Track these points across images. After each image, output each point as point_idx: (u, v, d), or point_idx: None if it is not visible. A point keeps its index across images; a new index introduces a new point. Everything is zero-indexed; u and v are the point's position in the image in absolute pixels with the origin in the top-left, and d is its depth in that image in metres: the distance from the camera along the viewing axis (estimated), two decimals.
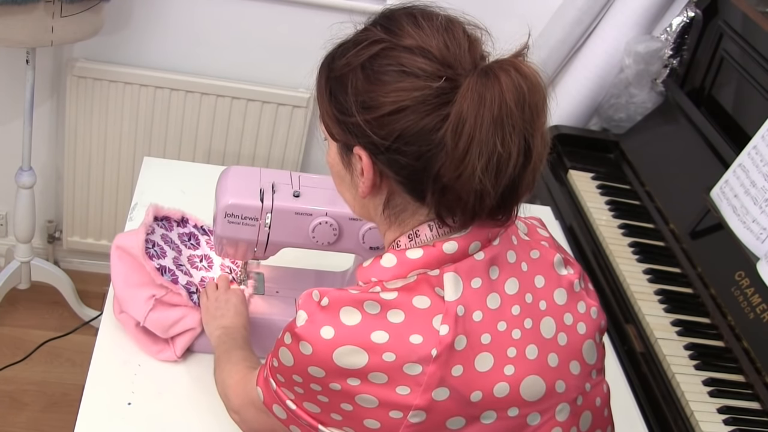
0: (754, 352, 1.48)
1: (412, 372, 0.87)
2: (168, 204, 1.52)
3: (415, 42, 0.88)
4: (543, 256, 1.00)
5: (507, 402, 0.92)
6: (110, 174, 2.42)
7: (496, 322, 0.92)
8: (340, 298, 0.90)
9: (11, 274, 2.37)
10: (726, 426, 1.41)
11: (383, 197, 0.95)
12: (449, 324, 0.88)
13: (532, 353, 0.94)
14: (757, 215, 1.55)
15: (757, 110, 1.74)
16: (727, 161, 1.72)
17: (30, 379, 2.31)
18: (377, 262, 0.95)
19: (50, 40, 1.95)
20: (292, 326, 0.93)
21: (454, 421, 0.90)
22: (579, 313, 0.99)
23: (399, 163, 0.89)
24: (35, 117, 2.25)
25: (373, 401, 0.89)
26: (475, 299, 0.91)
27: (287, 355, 0.93)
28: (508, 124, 0.85)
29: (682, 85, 2.04)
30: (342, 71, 0.92)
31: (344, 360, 0.88)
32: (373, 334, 0.88)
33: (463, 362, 0.89)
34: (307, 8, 2.27)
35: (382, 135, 0.88)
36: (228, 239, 1.31)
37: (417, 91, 0.86)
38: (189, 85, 2.30)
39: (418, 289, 0.91)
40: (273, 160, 2.46)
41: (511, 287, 0.95)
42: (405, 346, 0.88)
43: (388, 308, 0.89)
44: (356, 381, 0.89)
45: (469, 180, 0.85)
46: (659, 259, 1.76)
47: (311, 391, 0.92)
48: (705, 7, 1.98)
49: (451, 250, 0.91)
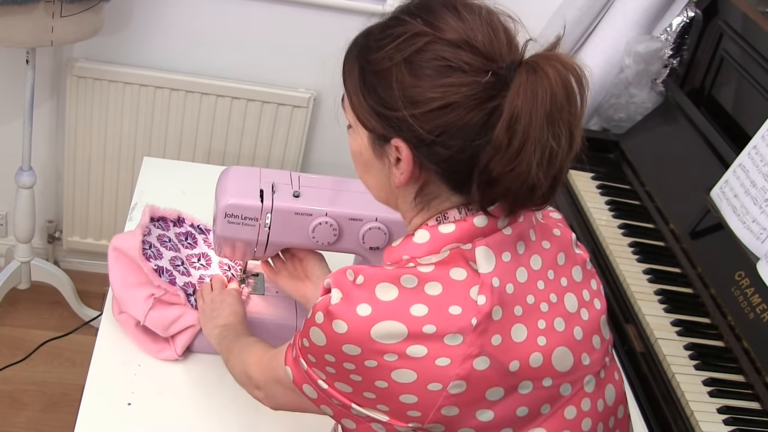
0: (754, 352, 1.48)
1: (452, 342, 0.88)
2: (168, 204, 1.52)
3: (458, 36, 0.88)
4: (563, 235, 1.02)
5: (542, 372, 0.93)
6: (110, 174, 2.42)
7: (525, 295, 0.94)
8: (375, 275, 0.91)
9: (11, 274, 2.37)
10: (726, 426, 1.41)
11: (417, 186, 0.95)
12: (486, 294, 0.89)
13: (560, 326, 0.96)
14: (757, 215, 1.55)
15: (757, 110, 1.74)
16: (727, 161, 1.71)
17: (30, 379, 2.31)
18: (409, 239, 0.95)
19: (50, 40, 1.95)
20: (325, 305, 0.92)
21: (493, 391, 0.90)
22: (593, 290, 1.02)
23: (441, 155, 0.90)
24: (35, 117, 2.25)
25: (411, 375, 0.89)
26: (506, 272, 0.92)
27: (319, 334, 0.92)
28: (558, 118, 0.86)
29: (682, 85, 2.04)
30: (383, 65, 0.90)
31: (383, 336, 0.88)
32: (412, 307, 0.89)
33: (501, 332, 0.90)
34: (307, 8, 2.27)
35: (428, 129, 0.88)
36: (228, 239, 1.31)
37: (465, 86, 0.86)
38: (189, 85, 2.30)
39: (453, 262, 0.91)
40: (273, 160, 2.46)
41: (535, 263, 0.96)
42: (445, 317, 0.88)
43: (426, 281, 0.90)
44: (394, 357, 0.88)
45: (523, 175, 0.87)
46: (659, 259, 1.76)
47: (344, 371, 0.92)
48: (705, 7, 1.98)
49: (481, 224, 0.92)
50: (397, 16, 0.93)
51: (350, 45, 0.96)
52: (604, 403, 1.01)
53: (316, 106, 2.42)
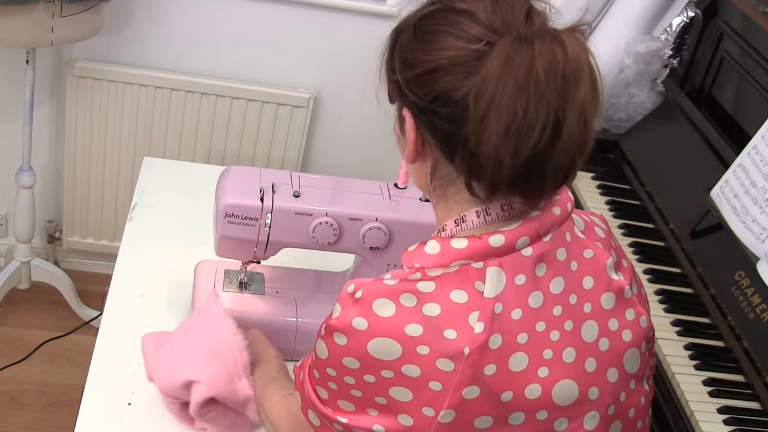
0: (754, 352, 1.48)
1: (444, 368, 0.86)
2: (168, 204, 1.52)
3: (465, 5, 0.88)
4: (596, 257, 0.96)
5: (537, 405, 0.90)
6: (110, 174, 2.42)
7: (535, 322, 0.90)
8: (374, 291, 0.90)
9: (11, 274, 2.37)
10: (726, 426, 1.40)
11: (428, 166, 0.94)
12: (485, 322, 0.87)
13: (570, 356, 0.92)
14: (757, 215, 1.55)
15: (757, 110, 1.74)
16: (727, 161, 1.71)
17: (30, 379, 2.31)
18: (421, 248, 0.93)
19: (50, 40, 1.95)
20: (327, 319, 0.93)
21: (482, 420, 0.89)
22: (626, 320, 0.96)
23: (436, 126, 0.89)
24: (35, 117, 2.25)
25: (407, 395, 0.88)
26: (516, 296, 0.89)
27: (322, 347, 0.93)
28: (534, 92, 0.82)
29: (682, 85, 2.03)
30: (398, 29, 0.92)
31: (378, 351, 0.88)
32: (407, 326, 0.87)
33: (497, 361, 0.88)
34: (307, 8, 2.27)
35: (419, 94, 0.88)
36: (228, 239, 1.31)
37: (453, 51, 0.85)
38: (189, 85, 2.30)
39: (457, 281, 0.89)
40: (273, 160, 2.46)
41: (556, 286, 0.92)
42: (439, 340, 0.87)
43: (425, 301, 0.88)
44: (390, 373, 0.88)
45: (486, 144, 0.84)
46: (659, 259, 1.76)
47: (345, 386, 0.92)
48: (705, 7, 1.98)
49: (497, 244, 0.89)
50: None
51: None
52: None
53: (316, 106, 2.42)
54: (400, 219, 1.33)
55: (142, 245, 1.58)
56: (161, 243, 1.59)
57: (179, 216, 1.67)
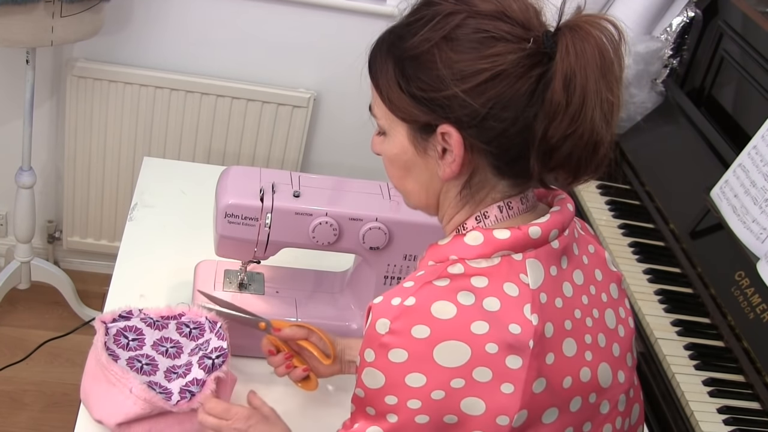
0: (754, 352, 1.48)
1: (513, 365, 0.85)
2: (168, 204, 1.51)
3: (494, 7, 0.88)
4: (597, 252, 1.00)
5: (589, 387, 0.92)
6: (110, 174, 2.42)
7: (573, 309, 0.92)
8: (428, 294, 0.86)
9: (11, 274, 2.37)
10: (726, 426, 1.40)
11: (464, 177, 0.92)
12: (537, 312, 0.87)
13: (602, 341, 0.94)
14: (757, 215, 1.55)
15: (757, 110, 1.74)
16: (727, 161, 1.71)
17: (30, 379, 2.31)
18: (459, 240, 0.92)
19: (50, 40, 1.95)
20: (372, 340, 0.86)
21: (548, 413, 0.88)
22: (627, 309, 1.01)
23: (494, 130, 0.87)
24: (35, 117, 2.25)
25: (480, 406, 0.84)
26: (553, 286, 0.90)
27: (374, 375, 0.86)
28: (608, 73, 0.86)
29: (682, 85, 2.03)
30: (421, 48, 0.88)
31: (446, 358, 0.84)
32: (473, 324, 0.85)
33: (554, 349, 0.88)
34: (307, 8, 2.27)
35: (481, 102, 0.86)
36: (228, 239, 1.31)
37: (511, 54, 0.85)
38: (189, 85, 2.30)
39: (504, 274, 0.88)
40: (273, 160, 2.46)
41: (577, 278, 0.95)
42: (505, 336, 0.85)
43: (483, 296, 0.86)
44: (461, 382, 0.84)
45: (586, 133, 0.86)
46: (659, 259, 1.76)
47: (409, 413, 0.85)
48: (705, 7, 1.98)
49: (535, 235, 0.90)
50: (423, 3, 0.91)
51: (374, 47, 0.94)
52: (629, 423, 1.00)
53: (316, 106, 2.42)
54: (400, 219, 1.33)
55: (142, 245, 1.58)
56: (161, 243, 1.59)
57: (179, 216, 1.67)
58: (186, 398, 1.19)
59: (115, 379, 1.17)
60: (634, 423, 1.01)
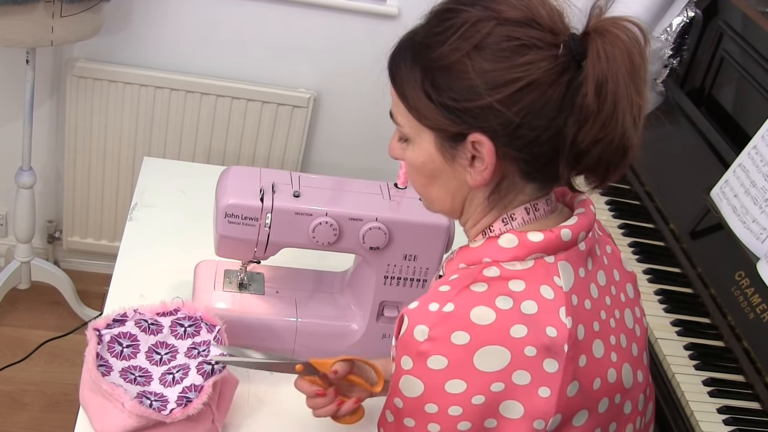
0: (754, 352, 1.48)
1: (550, 369, 0.85)
2: (168, 204, 1.51)
3: (522, 14, 0.87)
4: (614, 252, 1.01)
5: (615, 388, 0.92)
6: (110, 174, 2.42)
7: (599, 311, 0.92)
8: (467, 300, 0.86)
9: (11, 274, 2.37)
10: (726, 426, 1.40)
11: (494, 183, 0.92)
12: (571, 315, 0.87)
13: (624, 342, 0.95)
14: (757, 215, 1.55)
15: (757, 110, 1.74)
16: (727, 161, 1.71)
17: (30, 379, 2.31)
18: (493, 242, 0.92)
19: (50, 40, 1.95)
20: (411, 347, 0.86)
21: (579, 416, 0.89)
22: (641, 308, 1.02)
23: (526, 139, 0.87)
24: (35, 117, 2.25)
25: (519, 409, 0.85)
26: (582, 288, 0.91)
27: (414, 382, 0.86)
28: (636, 76, 0.86)
29: (682, 85, 2.03)
30: (452, 58, 0.87)
31: (486, 363, 0.84)
32: (512, 328, 0.85)
33: (585, 351, 0.89)
34: (307, 8, 2.27)
35: (515, 111, 0.85)
36: (228, 239, 1.31)
37: (544, 61, 0.85)
38: (189, 85, 2.30)
39: (540, 276, 0.89)
40: (273, 160, 2.46)
41: (601, 279, 0.95)
42: (543, 339, 0.85)
43: (521, 300, 0.87)
44: (500, 386, 0.85)
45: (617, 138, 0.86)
46: (659, 259, 1.76)
47: (450, 421, 0.86)
48: (705, 7, 1.98)
49: (566, 237, 0.91)
50: (448, 8, 0.90)
51: (396, 53, 0.92)
52: (644, 422, 1.01)
53: (316, 106, 2.42)
54: (400, 219, 1.33)
55: (142, 245, 1.58)
56: (161, 243, 1.59)
57: (179, 216, 1.67)
58: (182, 405, 1.18)
59: (107, 394, 1.16)
60: (648, 421, 1.03)
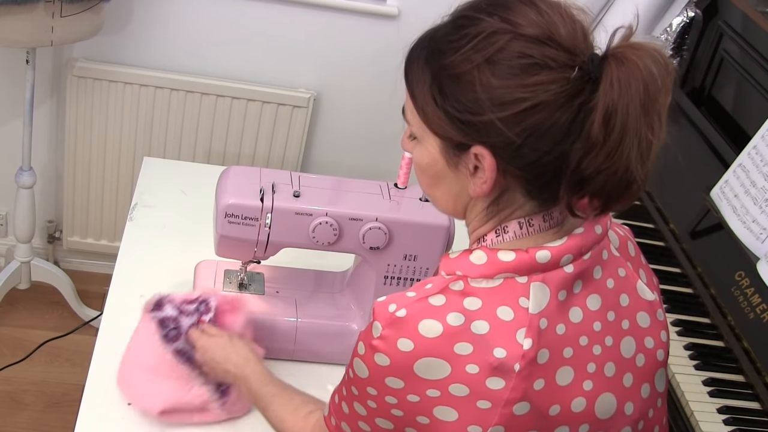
0: (754, 352, 1.48)
1: (494, 386, 0.85)
2: (167, 204, 1.52)
3: (540, 31, 0.83)
4: (628, 277, 0.97)
5: (581, 418, 0.91)
6: (110, 174, 2.42)
7: (578, 336, 0.90)
8: (419, 311, 0.87)
9: (11, 274, 2.37)
10: (726, 426, 1.40)
11: (494, 195, 0.90)
12: (532, 337, 0.86)
13: (610, 371, 0.92)
14: (757, 215, 1.55)
15: (757, 110, 1.74)
16: (727, 161, 1.71)
17: (30, 379, 2.31)
18: (466, 256, 0.91)
19: (50, 40, 1.95)
20: (367, 337, 0.89)
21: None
22: (661, 341, 0.98)
23: (528, 159, 0.85)
24: (35, 117, 2.25)
25: (453, 414, 0.86)
26: (558, 312, 0.89)
27: (361, 366, 0.90)
28: (651, 109, 0.82)
29: (682, 85, 2.03)
30: (462, 68, 0.85)
31: (425, 371, 0.86)
32: (457, 345, 0.85)
33: (545, 376, 0.88)
34: (307, 8, 2.27)
35: (516, 132, 0.83)
36: (228, 239, 1.31)
37: (554, 83, 0.82)
38: (189, 85, 2.30)
39: (502, 297, 0.88)
40: (273, 160, 2.46)
41: (593, 303, 0.92)
42: (489, 358, 0.85)
43: (473, 319, 0.86)
44: (436, 392, 0.86)
45: (620, 171, 0.83)
46: (659, 259, 1.76)
47: (386, 405, 0.89)
48: (705, 7, 1.98)
49: (543, 260, 0.88)
50: (467, 15, 0.87)
51: (412, 50, 0.91)
52: None
53: (316, 106, 2.42)
54: (400, 219, 1.33)
55: (142, 245, 1.58)
56: (161, 243, 1.59)
57: (179, 216, 1.67)
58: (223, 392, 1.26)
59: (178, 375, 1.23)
60: None
